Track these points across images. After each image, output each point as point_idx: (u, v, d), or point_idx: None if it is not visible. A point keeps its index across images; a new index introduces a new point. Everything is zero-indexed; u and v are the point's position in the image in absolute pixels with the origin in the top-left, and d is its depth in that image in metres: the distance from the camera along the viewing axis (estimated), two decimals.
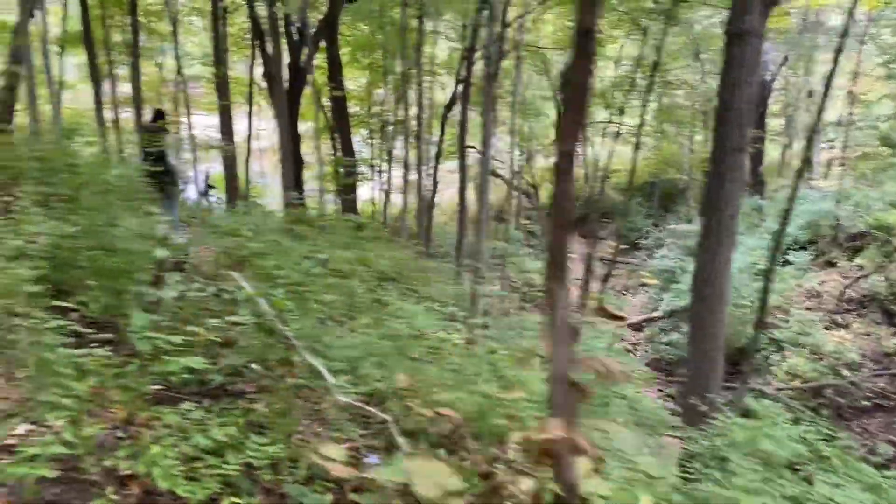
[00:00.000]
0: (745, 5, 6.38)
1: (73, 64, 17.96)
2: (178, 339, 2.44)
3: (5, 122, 10.09)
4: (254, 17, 15.26)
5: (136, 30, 12.92)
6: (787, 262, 14.28)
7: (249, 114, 14.81)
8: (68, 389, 2.21)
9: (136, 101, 12.82)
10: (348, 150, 16.18)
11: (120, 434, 2.34)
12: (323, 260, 4.39)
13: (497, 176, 18.49)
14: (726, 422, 3.77)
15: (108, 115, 14.83)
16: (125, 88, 17.39)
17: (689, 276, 17.59)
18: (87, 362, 2.38)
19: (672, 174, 22.01)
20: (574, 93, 1.72)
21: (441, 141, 15.32)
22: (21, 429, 2.52)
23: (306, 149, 15.76)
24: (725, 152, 6.58)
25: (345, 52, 16.71)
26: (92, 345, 2.65)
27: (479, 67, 13.62)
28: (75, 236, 3.96)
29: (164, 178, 7.90)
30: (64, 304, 3.01)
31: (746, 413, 4.29)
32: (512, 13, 14.23)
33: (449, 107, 15.18)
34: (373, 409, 2.29)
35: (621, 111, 13.00)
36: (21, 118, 12.29)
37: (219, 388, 2.86)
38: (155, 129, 8.25)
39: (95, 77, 13.31)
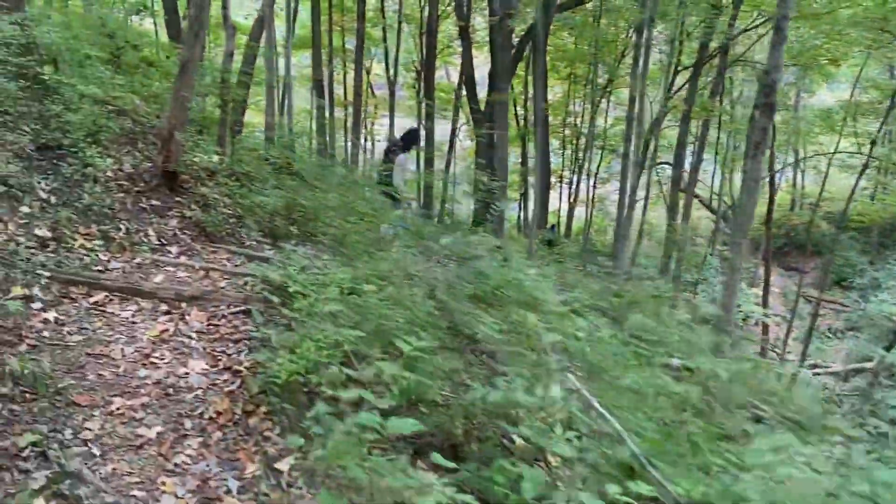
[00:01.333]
0: None
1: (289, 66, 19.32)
2: None
3: (238, 124, 10.85)
4: (463, 27, 15.44)
5: (361, 35, 13.44)
6: None
7: (454, 121, 15.00)
8: None
9: (357, 105, 13.38)
10: (545, 160, 15.94)
11: None
12: (676, 367, 3.83)
13: (695, 197, 17.40)
14: None
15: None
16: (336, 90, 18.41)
17: None
18: None
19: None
20: None
21: (644, 157, 14.62)
22: None
23: None
24: None
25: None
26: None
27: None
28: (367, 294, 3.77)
29: (391, 200, 7.56)
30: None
31: None
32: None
33: (658, 121, 14.44)
34: None
35: (873, 143, 11.44)
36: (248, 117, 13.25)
37: None
38: (396, 147, 7.84)
39: (319, 79, 14.06)
